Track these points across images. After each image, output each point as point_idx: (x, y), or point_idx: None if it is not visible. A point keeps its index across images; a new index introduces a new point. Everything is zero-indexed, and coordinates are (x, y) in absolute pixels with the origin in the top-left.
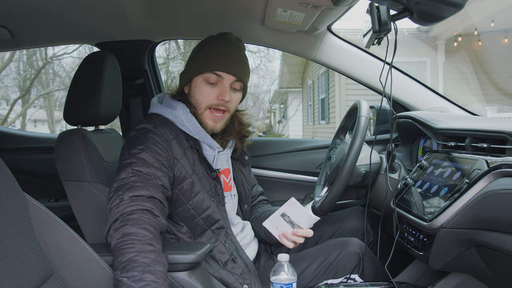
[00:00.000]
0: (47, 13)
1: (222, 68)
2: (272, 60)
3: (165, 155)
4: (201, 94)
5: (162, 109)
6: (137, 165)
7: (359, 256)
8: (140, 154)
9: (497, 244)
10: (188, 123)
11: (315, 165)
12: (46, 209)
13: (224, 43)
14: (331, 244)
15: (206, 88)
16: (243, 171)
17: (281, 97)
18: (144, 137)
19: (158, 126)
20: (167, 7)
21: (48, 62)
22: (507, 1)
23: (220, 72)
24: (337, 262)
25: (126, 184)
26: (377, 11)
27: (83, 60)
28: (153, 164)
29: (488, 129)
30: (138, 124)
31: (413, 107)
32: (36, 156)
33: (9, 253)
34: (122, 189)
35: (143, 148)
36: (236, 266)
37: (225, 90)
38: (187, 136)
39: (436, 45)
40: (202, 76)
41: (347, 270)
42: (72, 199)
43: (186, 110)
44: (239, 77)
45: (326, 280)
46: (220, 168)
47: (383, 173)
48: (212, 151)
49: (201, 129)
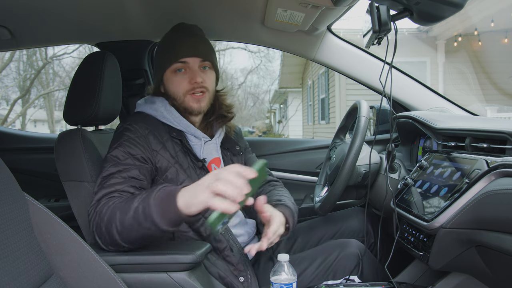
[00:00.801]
0: (47, 13)
1: (184, 54)
2: (272, 60)
3: (139, 149)
4: (173, 85)
5: (144, 107)
6: (106, 169)
7: (358, 257)
8: (112, 153)
9: (497, 244)
10: (168, 114)
11: (315, 165)
12: (46, 209)
13: (177, 34)
14: (330, 245)
15: (176, 78)
16: (234, 161)
17: (281, 97)
18: (119, 136)
19: (133, 123)
20: (167, 7)
21: (48, 62)
22: (507, 1)
23: (183, 58)
24: (336, 263)
25: (100, 186)
26: (377, 11)
27: (83, 60)
28: (124, 161)
29: (488, 129)
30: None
31: (413, 107)
32: (36, 156)
33: (9, 253)
34: (97, 192)
35: (116, 146)
36: (232, 255)
37: (194, 72)
38: (170, 128)
39: (436, 45)
40: (169, 69)
41: (346, 271)
42: (72, 199)
43: (165, 103)
44: (203, 56)
45: (326, 281)
46: (208, 158)
47: (383, 173)
48: (198, 141)
49: (182, 119)
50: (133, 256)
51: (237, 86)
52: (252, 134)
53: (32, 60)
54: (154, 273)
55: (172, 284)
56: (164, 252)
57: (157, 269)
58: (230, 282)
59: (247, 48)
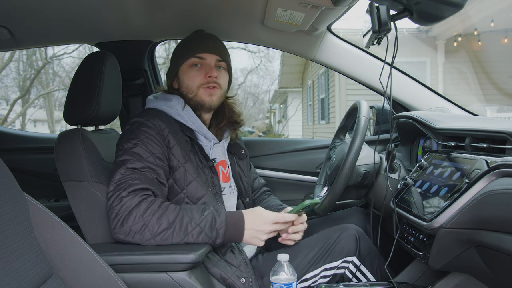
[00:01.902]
0: (47, 13)
1: (203, 50)
2: (272, 60)
3: (159, 147)
4: (189, 78)
5: (157, 102)
6: (131, 162)
7: (355, 238)
8: (134, 149)
9: (497, 244)
10: (183, 113)
11: (315, 165)
12: (46, 209)
13: (200, 34)
14: (329, 230)
15: (192, 72)
16: (240, 165)
17: (281, 97)
18: (137, 130)
19: (150, 118)
20: (167, 7)
21: (48, 62)
22: (507, 1)
23: (201, 54)
24: (335, 246)
25: (123, 182)
26: (377, 11)
27: (83, 60)
28: (147, 159)
29: (488, 129)
30: (132, 119)
31: (413, 107)
32: (36, 156)
33: (9, 253)
34: (121, 188)
35: (136, 142)
36: (234, 257)
37: (210, 68)
38: (182, 126)
39: (436, 45)
40: (186, 63)
41: (344, 252)
42: (72, 199)
43: (181, 101)
44: (221, 56)
45: (325, 265)
46: (217, 159)
47: (383, 173)
48: (208, 142)
49: (197, 119)
50: (133, 256)
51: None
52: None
53: (32, 60)
54: (154, 273)
55: (172, 284)
56: (164, 252)
57: (157, 269)
58: (232, 284)
59: (247, 48)
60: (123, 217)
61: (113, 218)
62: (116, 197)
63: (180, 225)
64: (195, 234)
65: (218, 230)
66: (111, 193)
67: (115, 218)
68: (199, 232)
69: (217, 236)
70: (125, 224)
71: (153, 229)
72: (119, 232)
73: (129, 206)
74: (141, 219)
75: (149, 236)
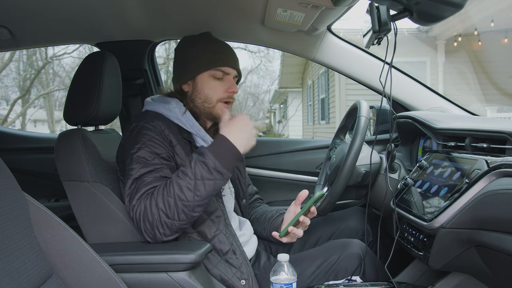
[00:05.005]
0: (47, 13)
1: (228, 64)
2: (272, 60)
3: (162, 148)
4: (211, 89)
5: (155, 105)
6: (137, 170)
7: (360, 257)
8: (138, 153)
9: (497, 244)
10: (182, 117)
11: (315, 165)
12: (46, 209)
13: (221, 44)
14: (332, 245)
15: (214, 83)
16: (238, 166)
17: (281, 97)
18: (139, 135)
19: (150, 120)
20: (167, 7)
21: (48, 62)
22: (507, 1)
23: (226, 68)
24: (338, 264)
25: (131, 193)
26: (377, 11)
27: (83, 60)
28: (152, 161)
29: (488, 129)
30: (131, 125)
31: (413, 107)
32: (36, 156)
33: (9, 253)
34: (132, 198)
35: (140, 146)
36: (235, 258)
37: (233, 83)
38: (180, 128)
39: (436, 45)
40: (208, 72)
41: (348, 272)
42: (72, 199)
43: (180, 104)
44: (239, 71)
45: (327, 282)
46: None
47: (383, 173)
48: (206, 145)
49: (195, 122)
50: (133, 256)
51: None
52: None
53: (32, 60)
54: (154, 273)
55: (172, 284)
56: (164, 252)
57: (157, 269)
58: (232, 285)
59: (247, 48)
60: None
61: (143, 231)
62: (131, 209)
63: (185, 195)
64: (201, 189)
65: (217, 169)
66: (127, 207)
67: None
68: (203, 185)
69: (219, 173)
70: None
71: (168, 216)
72: (153, 238)
73: (140, 213)
74: (153, 217)
75: (171, 222)
